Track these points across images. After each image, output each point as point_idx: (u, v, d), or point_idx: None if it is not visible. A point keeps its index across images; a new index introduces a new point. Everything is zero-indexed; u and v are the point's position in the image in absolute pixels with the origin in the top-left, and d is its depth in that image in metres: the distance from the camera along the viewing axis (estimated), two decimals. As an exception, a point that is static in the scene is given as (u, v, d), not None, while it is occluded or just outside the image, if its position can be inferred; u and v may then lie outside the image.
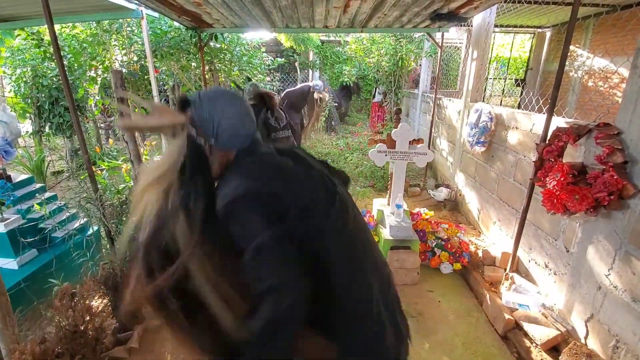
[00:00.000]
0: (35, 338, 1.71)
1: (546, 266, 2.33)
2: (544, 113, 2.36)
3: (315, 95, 5.06)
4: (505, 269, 2.59)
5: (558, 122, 2.13)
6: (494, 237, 3.13)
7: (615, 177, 1.63)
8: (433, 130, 4.73)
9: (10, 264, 2.26)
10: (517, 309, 2.19)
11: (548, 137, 2.09)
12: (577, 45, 5.65)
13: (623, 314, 1.69)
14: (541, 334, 1.96)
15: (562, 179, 1.82)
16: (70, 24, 4.47)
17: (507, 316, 2.12)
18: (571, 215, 1.88)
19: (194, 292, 0.79)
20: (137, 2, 2.82)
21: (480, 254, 2.80)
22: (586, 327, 1.92)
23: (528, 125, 2.58)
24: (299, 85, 4.98)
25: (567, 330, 2.00)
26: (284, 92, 4.75)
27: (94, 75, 4.66)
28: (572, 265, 2.05)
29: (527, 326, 2.04)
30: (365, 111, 9.86)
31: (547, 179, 1.94)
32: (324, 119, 8.91)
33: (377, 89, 7.52)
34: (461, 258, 2.71)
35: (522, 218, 2.39)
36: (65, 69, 2.24)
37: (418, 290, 2.58)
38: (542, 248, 2.37)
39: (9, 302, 1.71)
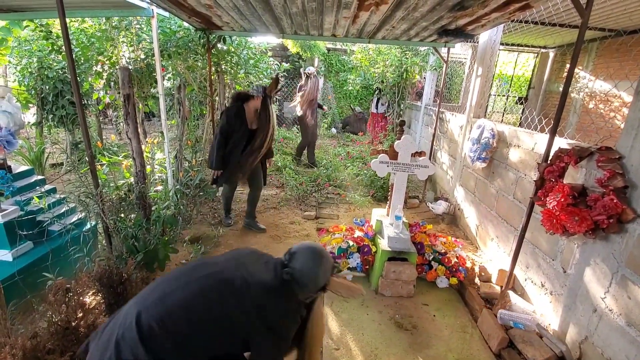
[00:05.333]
0: (26, 332, 1.69)
1: (542, 286, 2.33)
2: (546, 133, 2.39)
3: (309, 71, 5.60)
4: (501, 286, 2.59)
5: (560, 142, 2.15)
6: (491, 253, 3.13)
7: (615, 201, 1.64)
8: (434, 144, 4.75)
9: (5, 255, 2.24)
10: (512, 328, 2.18)
11: (550, 157, 2.11)
12: (580, 68, 5.73)
13: (617, 338, 1.69)
14: (535, 354, 1.95)
15: (562, 199, 1.83)
16: (80, 19, 4.49)
17: (501, 334, 2.11)
18: (570, 236, 1.89)
19: None
20: (149, 1, 2.85)
21: (476, 269, 2.80)
22: (580, 349, 1.92)
23: (530, 144, 2.60)
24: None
25: (561, 351, 1.99)
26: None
27: (100, 70, 4.67)
28: (569, 286, 2.06)
29: (521, 345, 2.03)
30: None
31: (548, 198, 1.95)
32: (327, 125, 8.94)
33: (380, 100, 7.33)
34: (458, 273, 2.71)
35: (520, 236, 2.40)
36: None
37: (413, 303, 2.57)
38: (539, 267, 2.37)
39: (2, 294, 1.69)
